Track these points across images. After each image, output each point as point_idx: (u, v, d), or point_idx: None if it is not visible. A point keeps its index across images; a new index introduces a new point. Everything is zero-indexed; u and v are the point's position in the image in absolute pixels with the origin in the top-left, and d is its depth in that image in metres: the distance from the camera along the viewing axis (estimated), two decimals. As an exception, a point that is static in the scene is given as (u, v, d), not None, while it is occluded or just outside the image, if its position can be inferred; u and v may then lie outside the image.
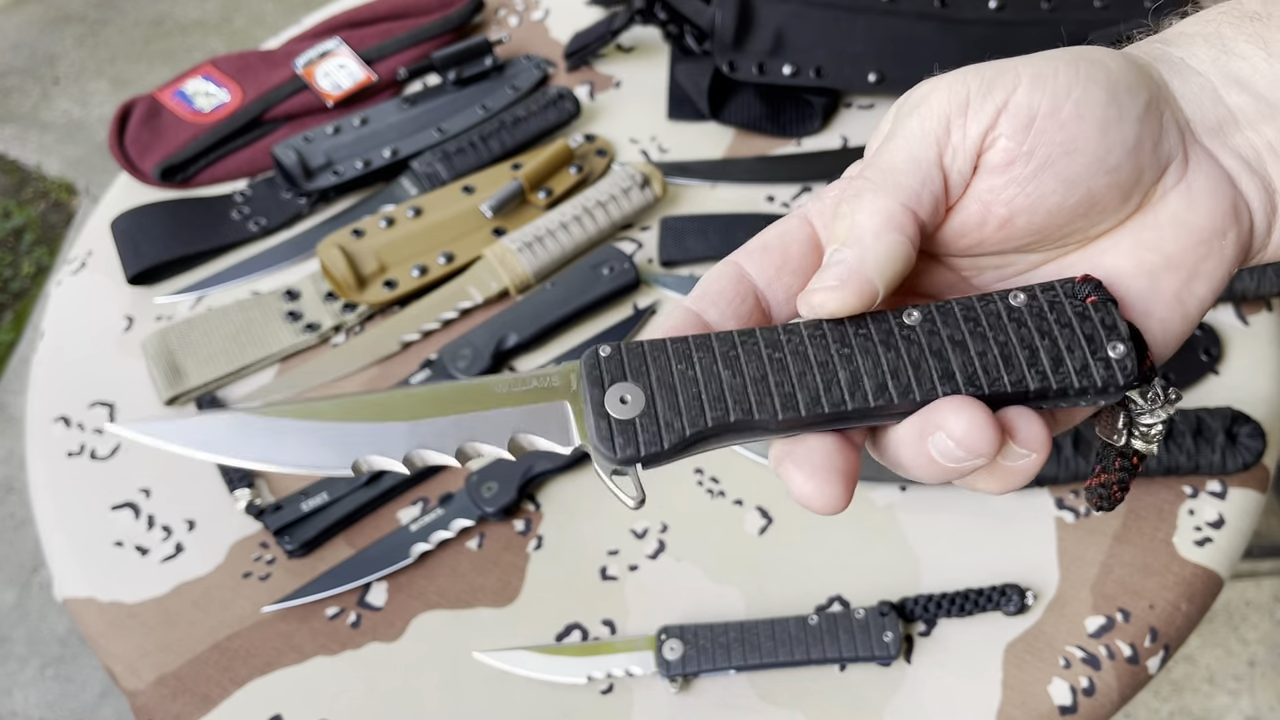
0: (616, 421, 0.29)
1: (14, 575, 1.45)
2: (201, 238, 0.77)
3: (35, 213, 1.89)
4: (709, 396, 0.28)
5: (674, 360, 0.29)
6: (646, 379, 0.29)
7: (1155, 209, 0.30)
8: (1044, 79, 0.29)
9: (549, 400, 0.30)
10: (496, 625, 0.59)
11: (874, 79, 0.79)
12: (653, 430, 0.28)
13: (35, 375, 0.73)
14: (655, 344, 0.29)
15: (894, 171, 0.29)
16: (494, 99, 0.83)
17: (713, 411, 0.28)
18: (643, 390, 0.29)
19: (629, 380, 0.29)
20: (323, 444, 0.30)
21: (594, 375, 0.29)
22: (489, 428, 0.30)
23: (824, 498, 0.28)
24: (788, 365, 0.29)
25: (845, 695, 0.54)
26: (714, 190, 0.78)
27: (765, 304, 0.31)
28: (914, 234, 0.29)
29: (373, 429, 0.30)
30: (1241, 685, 1.18)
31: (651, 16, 0.81)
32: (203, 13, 2.21)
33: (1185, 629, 0.57)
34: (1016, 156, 0.29)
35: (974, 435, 0.27)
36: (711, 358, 0.29)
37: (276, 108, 0.83)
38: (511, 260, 0.71)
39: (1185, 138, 0.30)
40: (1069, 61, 0.29)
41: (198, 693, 0.57)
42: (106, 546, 0.64)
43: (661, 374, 0.29)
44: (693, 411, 0.28)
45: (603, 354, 0.29)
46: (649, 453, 0.28)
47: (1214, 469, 0.58)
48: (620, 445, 0.28)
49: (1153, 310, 0.30)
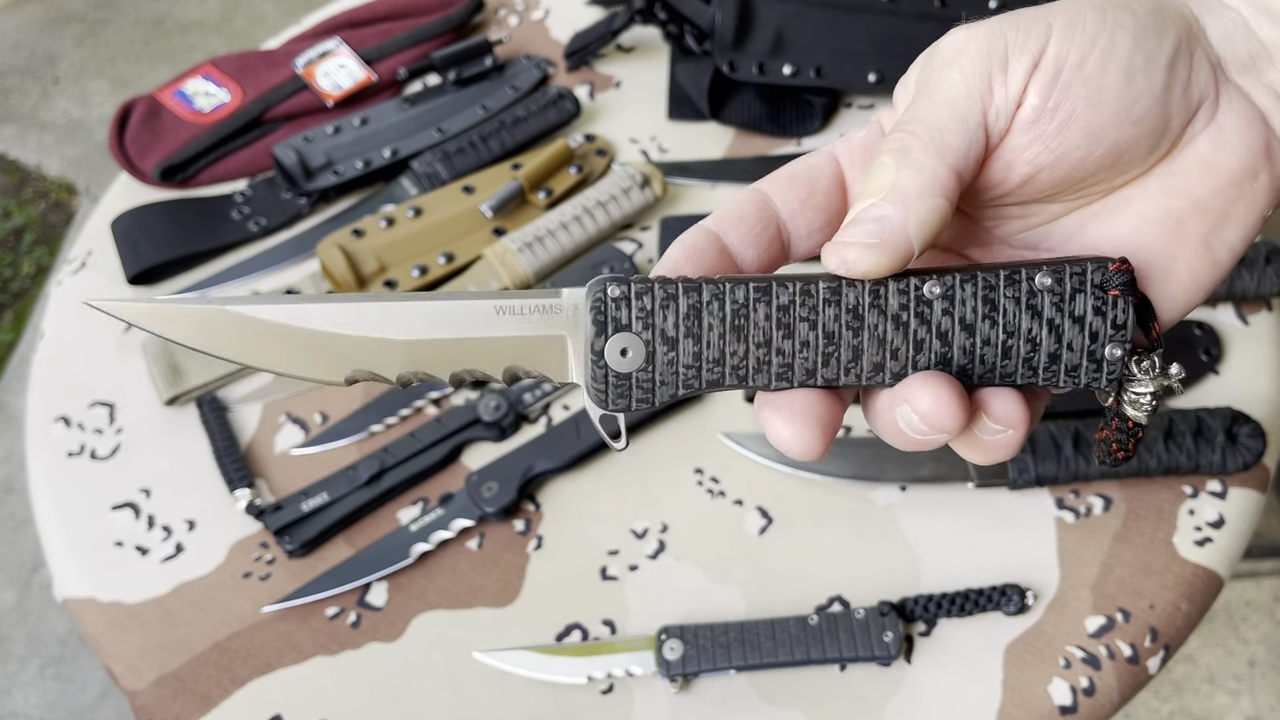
0: (614, 373, 0.28)
1: (14, 575, 1.45)
2: (202, 238, 0.77)
3: (35, 212, 1.89)
4: (707, 360, 0.28)
5: (683, 314, 0.28)
6: (650, 331, 0.28)
7: (1183, 153, 0.29)
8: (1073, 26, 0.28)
9: (548, 331, 0.29)
10: (496, 625, 0.59)
11: (874, 79, 0.79)
12: (647, 387, 0.28)
13: (35, 375, 0.73)
14: (667, 290, 0.28)
15: (941, 130, 0.28)
16: (494, 99, 0.83)
17: (709, 376, 0.28)
18: (644, 345, 0.28)
19: (632, 330, 0.28)
20: (318, 352, 0.29)
21: (599, 319, 0.28)
22: (486, 354, 0.29)
23: (801, 442, 0.28)
24: (794, 332, 0.28)
25: (845, 695, 0.54)
26: (714, 190, 0.78)
27: (786, 235, 0.31)
28: (956, 198, 0.28)
29: (369, 342, 0.29)
30: (1242, 685, 1.18)
31: (651, 16, 0.81)
32: (203, 13, 2.21)
33: (1185, 629, 0.57)
34: (1042, 113, 0.28)
35: (938, 412, 0.27)
36: (721, 315, 0.28)
37: (276, 108, 0.83)
38: (511, 260, 0.71)
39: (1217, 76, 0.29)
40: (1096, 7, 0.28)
41: (198, 692, 0.57)
42: (107, 546, 0.64)
43: (666, 328, 0.28)
44: (689, 375, 0.28)
45: (611, 293, 0.28)
46: (639, 408, 0.28)
47: (1214, 469, 0.58)
48: (613, 398, 0.28)
49: (1179, 254, 0.29)
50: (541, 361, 0.29)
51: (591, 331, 0.28)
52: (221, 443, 0.66)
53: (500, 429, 0.65)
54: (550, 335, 0.29)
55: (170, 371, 0.69)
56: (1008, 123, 0.28)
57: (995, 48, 0.28)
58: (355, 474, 0.63)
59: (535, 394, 0.67)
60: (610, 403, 0.29)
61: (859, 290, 0.28)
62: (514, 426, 0.66)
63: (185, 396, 0.69)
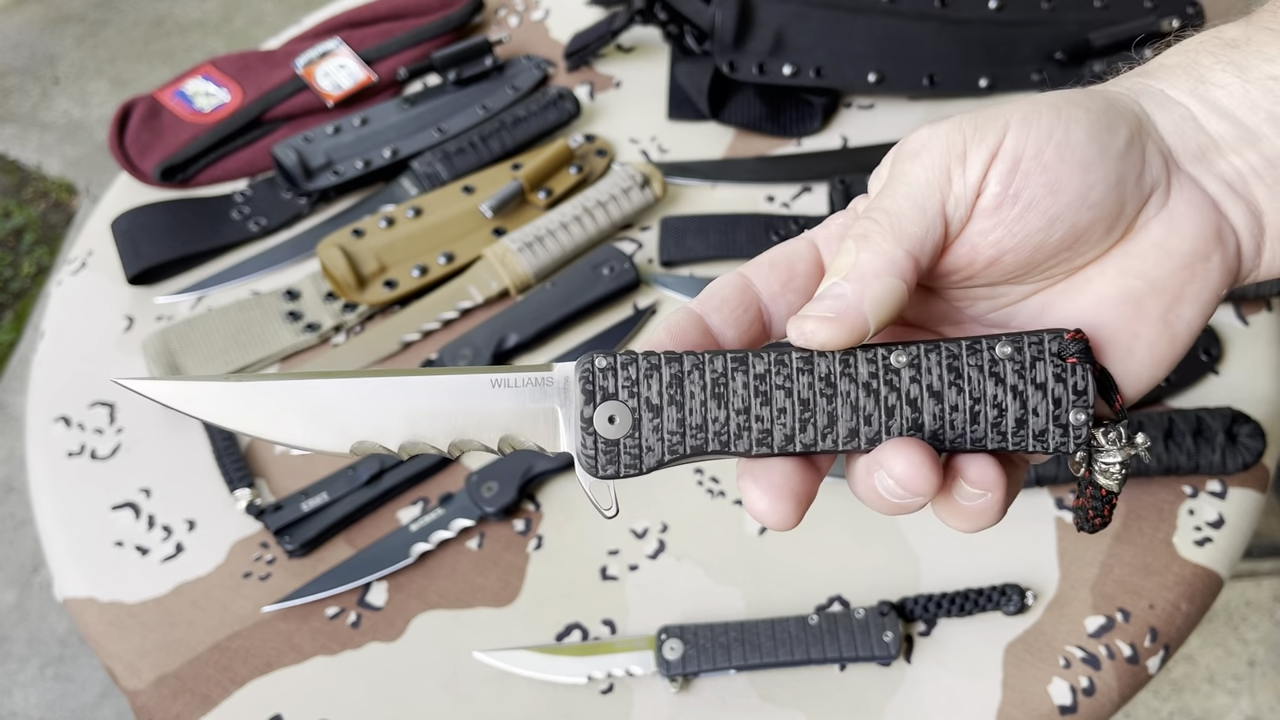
0: (602, 440, 0.30)
1: (14, 575, 1.45)
2: (202, 238, 0.77)
3: (35, 212, 1.89)
4: (690, 426, 0.30)
5: (665, 383, 0.30)
6: (636, 399, 0.30)
7: (1138, 236, 0.31)
8: (1028, 122, 0.30)
9: (541, 402, 0.31)
10: (496, 625, 0.59)
11: (874, 79, 0.79)
12: (634, 453, 0.30)
13: (35, 375, 0.73)
14: (650, 361, 0.30)
15: (900, 218, 0.30)
16: (494, 99, 0.83)
17: (692, 441, 0.30)
18: (630, 413, 0.30)
19: (619, 399, 0.30)
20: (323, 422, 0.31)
21: (587, 389, 0.30)
22: (482, 425, 0.31)
23: (776, 516, 0.30)
24: (771, 399, 0.29)
25: (845, 695, 0.54)
26: (714, 190, 0.78)
27: (767, 317, 0.32)
28: (913, 280, 0.30)
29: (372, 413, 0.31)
30: (1241, 685, 1.18)
31: (651, 17, 0.81)
32: (203, 13, 2.21)
33: (1185, 629, 0.57)
34: (1004, 200, 0.30)
35: (913, 476, 0.29)
36: (702, 384, 0.30)
37: (277, 108, 0.83)
38: (512, 260, 0.71)
39: (1169, 166, 0.31)
40: (1050, 104, 0.31)
41: (198, 692, 0.57)
42: (107, 546, 0.64)
43: (650, 396, 0.30)
44: (673, 440, 0.30)
45: (599, 364, 0.30)
46: (627, 474, 0.30)
47: (1214, 469, 0.58)
48: (602, 464, 0.30)
49: (1139, 331, 0.31)
50: (535, 432, 0.31)
51: (581, 400, 0.30)
52: (221, 442, 0.66)
53: (500, 429, 0.65)
54: (543, 407, 0.31)
55: (170, 372, 0.69)
56: (968, 210, 0.30)
57: (954, 143, 0.30)
58: (355, 474, 0.63)
59: (535, 394, 0.67)
60: (600, 469, 0.30)
61: (830, 360, 0.30)
62: (514, 426, 0.66)
63: (185, 396, 0.69)
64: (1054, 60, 0.81)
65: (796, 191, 0.77)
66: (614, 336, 0.70)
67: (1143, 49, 0.81)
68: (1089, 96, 0.31)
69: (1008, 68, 0.81)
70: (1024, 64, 0.81)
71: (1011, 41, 0.80)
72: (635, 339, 0.70)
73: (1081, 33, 0.80)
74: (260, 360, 0.70)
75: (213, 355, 0.70)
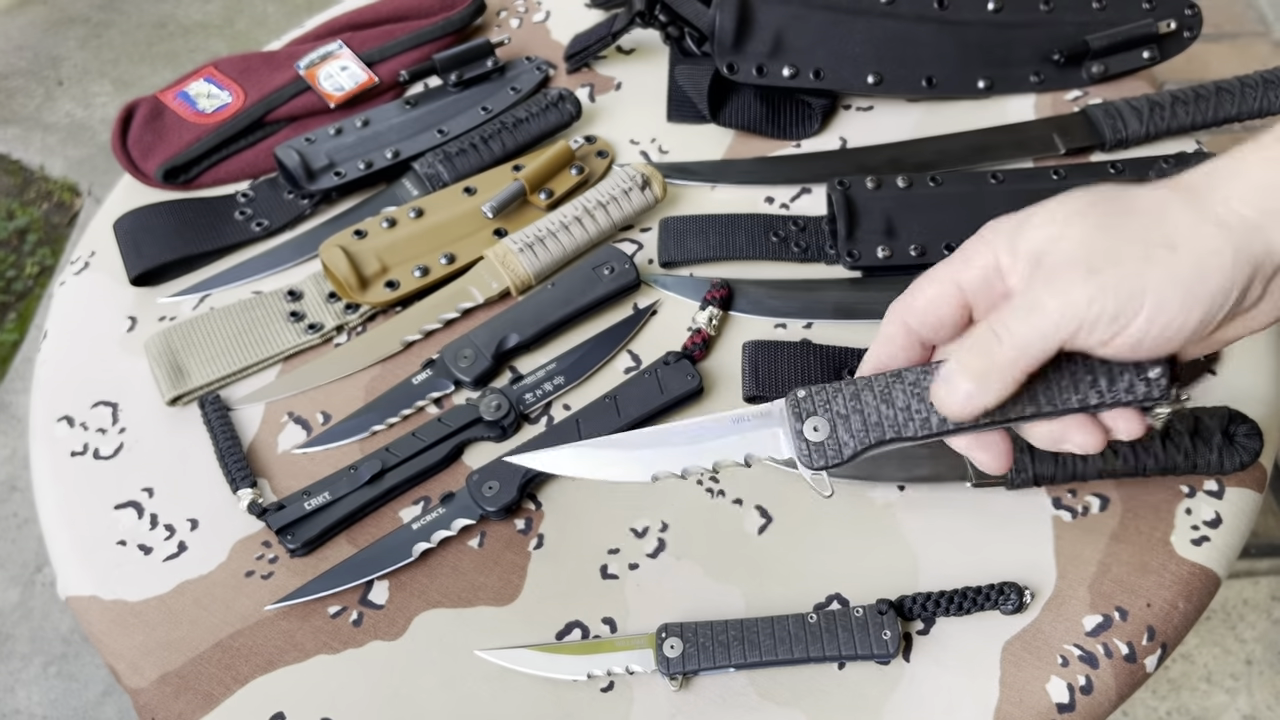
0: (812, 443, 0.43)
1: (17, 574, 1.45)
2: (204, 238, 0.78)
3: (38, 213, 1.90)
4: (869, 424, 0.42)
5: (847, 400, 0.43)
6: (830, 412, 0.43)
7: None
8: (1161, 310, 0.37)
9: (769, 427, 0.45)
10: (497, 623, 0.59)
11: (872, 80, 0.79)
12: (835, 449, 0.43)
13: (39, 375, 0.73)
14: (835, 386, 0.43)
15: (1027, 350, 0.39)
16: (495, 100, 0.84)
17: (873, 434, 0.42)
18: (828, 422, 0.43)
19: (818, 415, 0.43)
20: (631, 463, 0.45)
21: (795, 411, 0.44)
22: (734, 449, 0.45)
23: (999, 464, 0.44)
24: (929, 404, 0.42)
25: (844, 693, 0.55)
26: (713, 191, 0.78)
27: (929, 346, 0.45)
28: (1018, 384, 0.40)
29: (661, 453, 0.45)
30: (1239, 684, 1.18)
31: (651, 19, 0.81)
32: (205, 15, 2.22)
33: (1183, 627, 0.57)
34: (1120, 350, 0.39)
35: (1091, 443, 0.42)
36: (872, 395, 0.43)
37: (279, 109, 0.83)
38: (513, 261, 0.72)
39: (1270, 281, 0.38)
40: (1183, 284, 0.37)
41: (200, 691, 0.58)
42: (109, 545, 0.64)
43: (842, 407, 0.43)
44: (859, 435, 0.43)
45: (800, 394, 0.44)
46: (832, 464, 0.43)
47: (1211, 468, 0.59)
48: (814, 459, 0.43)
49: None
50: (767, 447, 0.44)
51: (793, 419, 0.43)
52: (224, 442, 0.66)
53: (502, 428, 0.65)
54: (770, 430, 0.45)
55: (173, 371, 0.69)
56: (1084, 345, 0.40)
57: (1091, 313, 0.38)
58: (357, 473, 0.63)
59: (536, 394, 0.67)
60: (814, 463, 0.43)
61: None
62: (515, 426, 0.66)
63: (188, 396, 0.69)
64: (1052, 62, 0.81)
65: (795, 192, 0.77)
66: (615, 336, 0.70)
67: (1140, 50, 0.81)
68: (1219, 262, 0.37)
69: (1006, 69, 0.81)
70: (1022, 65, 0.81)
71: (1010, 43, 0.81)
72: (636, 339, 0.70)
73: (1079, 34, 0.80)
74: (263, 360, 0.71)
75: (215, 355, 0.70)
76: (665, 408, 0.65)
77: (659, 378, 0.66)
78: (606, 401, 0.65)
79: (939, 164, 0.77)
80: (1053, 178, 0.74)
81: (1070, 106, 0.81)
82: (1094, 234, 0.38)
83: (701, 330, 0.68)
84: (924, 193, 0.72)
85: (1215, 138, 0.74)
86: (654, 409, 0.64)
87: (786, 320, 0.70)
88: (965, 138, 0.78)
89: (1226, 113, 0.76)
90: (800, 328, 0.70)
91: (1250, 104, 0.76)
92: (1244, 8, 1.82)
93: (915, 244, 0.71)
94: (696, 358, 0.67)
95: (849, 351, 0.67)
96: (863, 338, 0.68)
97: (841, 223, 0.71)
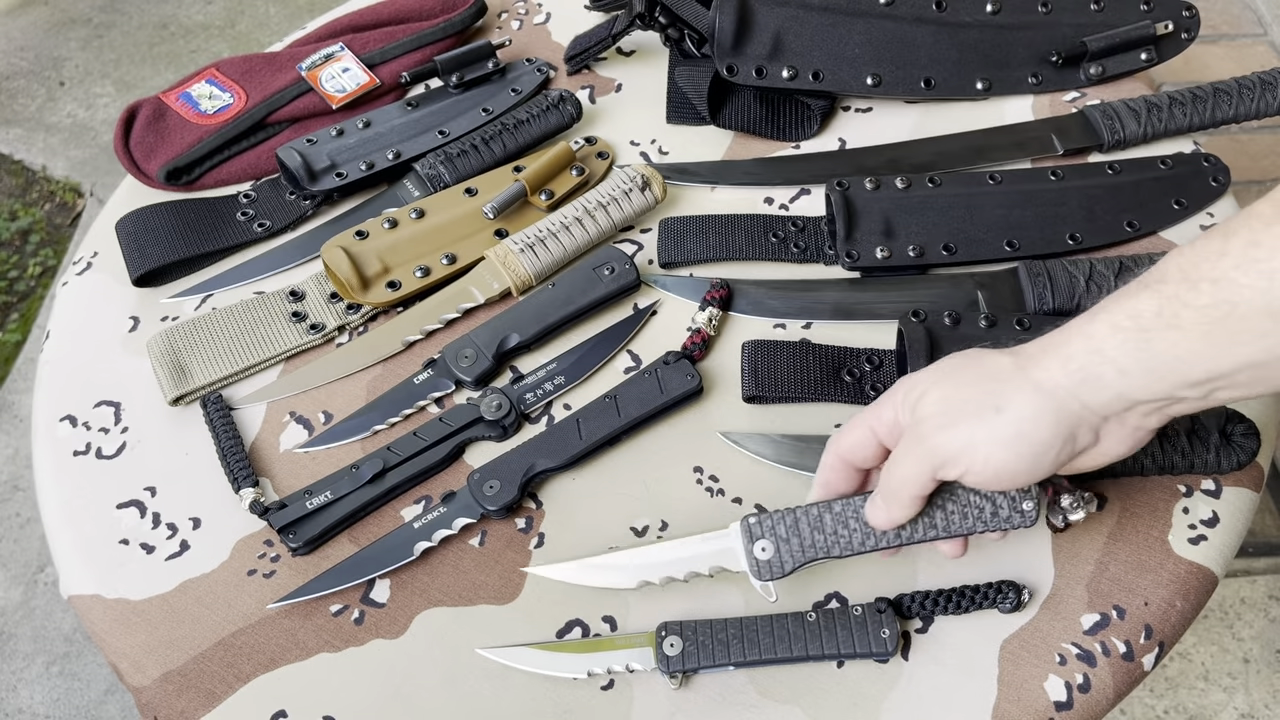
0: (760, 561, 0.54)
1: (20, 573, 1.46)
2: (206, 239, 0.78)
3: (41, 214, 1.90)
4: (806, 546, 0.53)
5: (788, 527, 0.53)
6: (775, 536, 0.53)
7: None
8: (989, 460, 0.47)
9: (728, 543, 0.55)
10: (498, 622, 0.59)
11: (871, 82, 0.79)
12: (778, 565, 0.53)
13: (41, 375, 0.74)
14: (779, 514, 0.54)
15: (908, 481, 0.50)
16: (496, 102, 0.84)
17: (807, 554, 0.53)
18: (773, 544, 0.53)
19: (765, 538, 0.53)
20: (624, 573, 0.56)
21: (748, 534, 0.54)
22: (702, 562, 0.55)
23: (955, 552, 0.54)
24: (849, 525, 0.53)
25: (843, 691, 0.55)
26: (713, 192, 0.78)
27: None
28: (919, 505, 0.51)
29: (646, 563, 0.56)
30: (1236, 682, 1.18)
31: (651, 21, 0.82)
32: (207, 16, 2.22)
33: (1180, 626, 0.57)
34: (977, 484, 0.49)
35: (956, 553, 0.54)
36: (808, 523, 0.53)
37: (281, 110, 0.84)
38: (513, 261, 0.72)
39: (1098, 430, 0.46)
40: (1005, 444, 0.46)
41: (202, 689, 0.58)
42: (112, 544, 0.64)
43: (784, 533, 0.53)
44: (797, 555, 0.53)
45: (751, 521, 0.54)
46: (776, 577, 0.54)
47: (1208, 468, 0.59)
48: (762, 573, 0.54)
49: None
50: (727, 560, 0.55)
51: (746, 540, 0.54)
52: (226, 441, 0.66)
53: (502, 428, 0.66)
54: (729, 545, 0.55)
55: (175, 371, 0.70)
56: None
57: (940, 458, 0.48)
58: (359, 472, 0.64)
59: (537, 393, 0.67)
60: (761, 578, 0.54)
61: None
62: (516, 425, 0.66)
63: (190, 396, 0.70)
64: (1050, 63, 0.82)
65: (794, 193, 0.78)
66: (615, 336, 0.70)
67: (1138, 52, 0.81)
68: (1035, 425, 0.45)
69: (1004, 70, 0.81)
70: (1020, 67, 0.81)
71: (1008, 45, 0.81)
72: (636, 339, 0.71)
73: (1077, 35, 0.81)
74: (265, 360, 0.71)
75: (218, 355, 0.71)
76: (665, 407, 0.65)
77: (659, 377, 0.66)
78: (607, 401, 0.65)
79: (937, 165, 0.77)
80: (1050, 178, 0.74)
81: (1068, 108, 0.81)
82: (950, 394, 0.47)
83: (701, 330, 0.69)
84: (922, 193, 0.72)
85: (1213, 139, 0.74)
86: (654, 408, 0.65)
87: (785, 320, 0.70)
88: (963, 139, 0.79)
89: (1224, 114, 0.77)
90: (799, 328, 0.70)
91: (1247, 106, 0.77)
92: (1241, 10, 1.82)
93: (914, 244, 0.71)
94: (696, 358, 0.68)
95: (847, 351, 0.67)
96: (861, 338, 0.68)
97: (840, 223, 0.71)
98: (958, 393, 0.47)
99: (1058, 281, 0.67)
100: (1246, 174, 1.54)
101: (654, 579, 0.56)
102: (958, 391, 0.47)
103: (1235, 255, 0.40)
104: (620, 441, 0.65)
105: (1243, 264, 0.40)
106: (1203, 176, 0.74)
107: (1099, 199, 0.73)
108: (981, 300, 0.68)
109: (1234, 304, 0.40)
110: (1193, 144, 0.78)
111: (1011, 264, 0.71)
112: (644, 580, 0.56)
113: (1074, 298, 0.67)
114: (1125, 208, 0.73)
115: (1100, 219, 0.72)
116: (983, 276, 0.70)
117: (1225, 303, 0.40)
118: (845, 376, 0.66)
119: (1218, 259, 0.41)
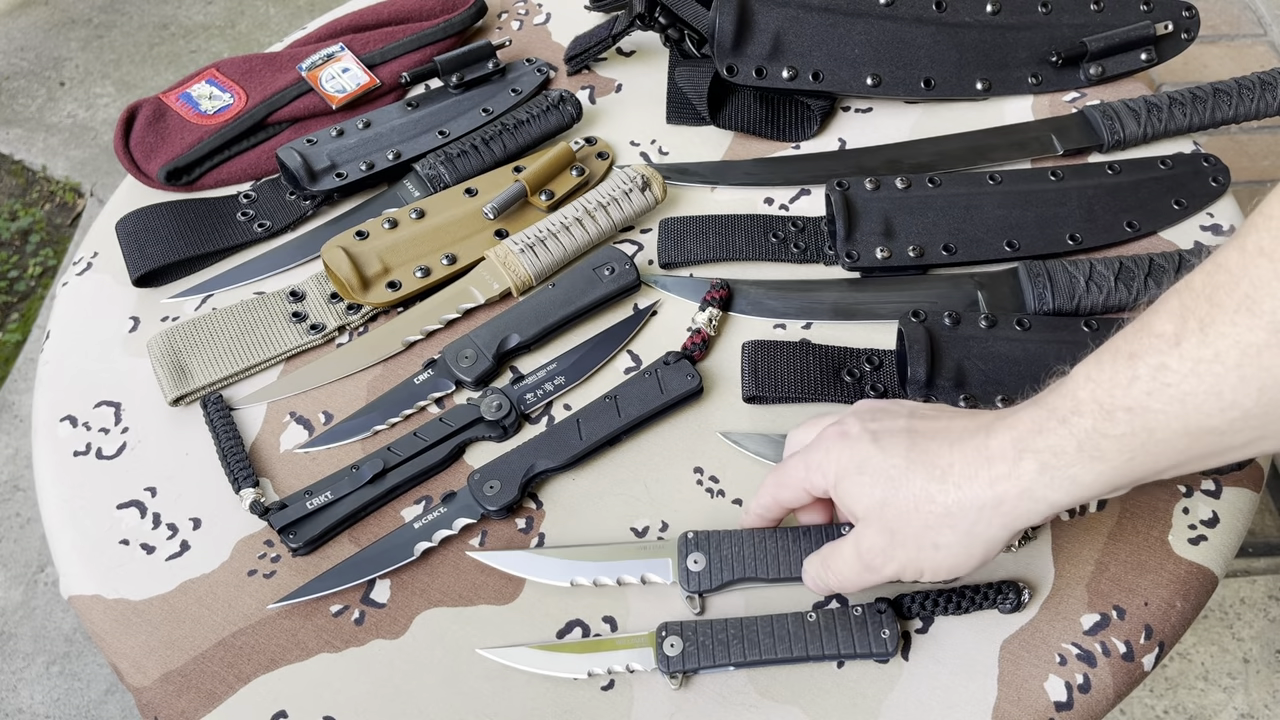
0: (691, 573, 0.57)
1: (20, 573, 1.46)
2: (206, 239, 0.78)
3: (41, 214, 1.90)
4: (736, 562, 0.57)
5: (722, 544, 0.58)
6: (708, 552, 0.57)
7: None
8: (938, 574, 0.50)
9: (663, 556, 0.59)
10: (498, 622, 0.59)
11: (871, 82, 0.79)
12: (708, 579, 0.57)
13: (41, 375, 0.74)
14: (715, 534, 0.58)
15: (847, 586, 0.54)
16: (496, 102, 0.84)
17: (736, 572, 0.57)
18: (706, 557, 0.57)
19: (699, 551, 0.57)
20: (560, 570, 0.59)
21: (682, 548, 0.58)
22: (634, 569, 0.58)
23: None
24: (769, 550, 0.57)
25: (843, 691, 0.55)
26: (713, 193, 0.78)
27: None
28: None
29: (578, 565, 0.59)
30: (1236, 682, 1.19)
31: (651, 21, 0.82)
32: (207, 16, 2.22)
33: (1180, 626, 0.57)
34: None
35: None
36: (741, 543, 0.57)
37: (281, 111, 0.84)
38: (513, 262, 0.72)
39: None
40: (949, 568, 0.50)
41: (203, 689, 0.58)
42: (112, 544, 0.64)
43: (715, 549, 0.57)
44: (727, 571, 0.57)
45: (689, 536, 0.58)
46: (704, 590, 0.57)
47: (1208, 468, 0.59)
48: (693, 585, 0.57)
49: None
50: (661, 571, 0.58)
51: (680, 553, 0.58)
52: (226, 442, 0.66)
53: (503, 428, 0.66)
54: (663, 559, 0.59)
55: (175, 372, 0.70)
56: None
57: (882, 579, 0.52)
58: (359, 472, 0.64)
59: (537, 394, 0.67)
60: (689, 588, 0.57)
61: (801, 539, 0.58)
62: (516, 426, 0.66)
63: (190, 396, 0.70)
64: (1050, 63, 0.82)
65: (794, 194, 0.78)
66: (615, 337, 0.70)
67: (1138, 52, 0.81)
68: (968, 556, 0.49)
69: (1004, 71, 0.81)
70: (1020, 67, 0.81)
71: (1008, 45, 0.81)
72: (636, 339, 0.71)
73: (1077, 36, 0.81)
74: (265, 360, 0.71)
75: (218, 355, 0.71)
76: (665, 407, 0.65)
77: (659, 378, 0.66)
78: (607, 401, 0.65)
79: (937, 165, 0.77)
80: (1050, 179, 0.74)
81: (1068, 108, 0.81)
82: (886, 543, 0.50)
83: (701, 330, 0.69)
84: (922, 194, 0.73)
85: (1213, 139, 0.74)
86: (654, 409, 0.65)
87: (785, 320, 0.70)
88: (963, 139, 0.79)
89: (1224, 115, 0.77)
90: (799, 328, 0.70)
91: (1247, 106, 0.77)
92: (1241, 10, 1.82)
93: (913, 245, 0.71)
94: (696, 358, 0.68)
95: (847, 351, 0.67)
96: (861, 338, 0.68)
97: (840, 224, 0.71)
98: (894, 538, 0.50)
99: (1058, 282, 0.67)
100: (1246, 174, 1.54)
101: (586, 580, 0.59)
102: (894, 537, 0.50)
103: (1145, 380, 0.41)
104: (620, 442, 0.65)
105: (1154, 390, 0.41)
106: (1202, 177, 0.74)
107: (1099, 199, 0.73)
108: (981, 300, 0.68)
109: (1151, 430, 0.42)
110: (1193, 144, 0.78)
111: (1011, 264, 0.71)
112: (575, 580, 0.59)
113: (1074, 298, 0.67)
114: (1125, 208, 0.73)
115: (1100, 219, 0.72)
116: (983, 277, 0.70)
117: (1143, 430, 0.42)
118: (845, 377, 0.66)
119: (1129, 385, 0.42)
